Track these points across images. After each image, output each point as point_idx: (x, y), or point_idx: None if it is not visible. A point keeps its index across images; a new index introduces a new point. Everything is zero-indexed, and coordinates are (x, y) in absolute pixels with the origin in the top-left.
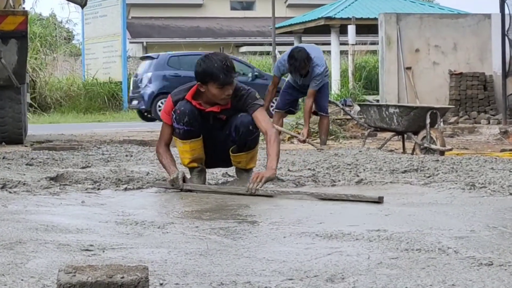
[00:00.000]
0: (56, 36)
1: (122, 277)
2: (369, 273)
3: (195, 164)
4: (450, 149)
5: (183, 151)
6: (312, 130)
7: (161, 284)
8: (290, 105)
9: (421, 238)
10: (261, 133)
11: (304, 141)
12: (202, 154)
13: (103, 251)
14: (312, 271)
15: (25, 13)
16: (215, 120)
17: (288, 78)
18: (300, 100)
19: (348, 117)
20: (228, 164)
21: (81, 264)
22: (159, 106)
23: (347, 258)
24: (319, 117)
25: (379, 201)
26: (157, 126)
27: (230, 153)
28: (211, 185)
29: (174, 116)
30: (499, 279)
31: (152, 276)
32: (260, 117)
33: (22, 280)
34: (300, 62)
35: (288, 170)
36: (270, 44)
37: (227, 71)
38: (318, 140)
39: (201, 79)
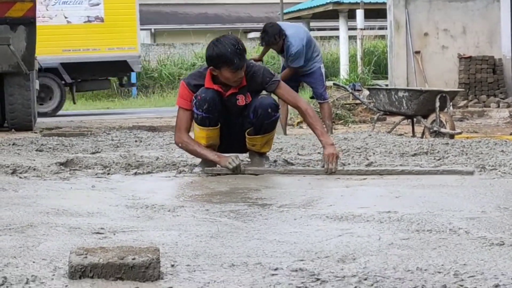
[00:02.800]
0: None
1: (134, 259)
2: (380, 254)
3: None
4: (460, 133)
5: (199, 136)
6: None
7: (172, 266)
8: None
9: (432, 219)
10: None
11: None
12: (217, 141)
13: (114, 234)
14: (323, 252)
15: (33, 0)
16: (234, 107)
17: (282, 62)
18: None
19: (357, 101)
20: (241, 150)
21: (92, 246)
22: None
23: (358, 239)
24: (319, 104)
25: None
26: (165, 112)
27: (246, 135)
28: (277, 168)
29: (194, 101)
30: (511, 258)
31: (163, 257)
32: (285, 93)
33: (33, 262)
34: (270, 37)
35: (298, 154)
36: None
37: (241, 54)
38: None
39: (214, 63)
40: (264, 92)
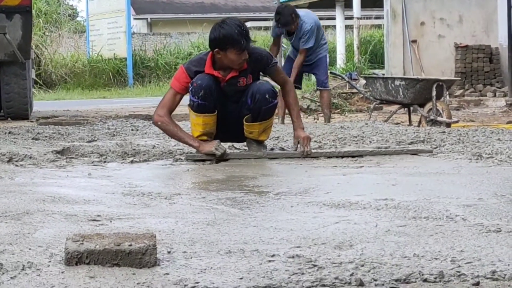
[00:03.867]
0: (60, 13)
1: (130, 245)
2: (377, 241)
3: (204, 138)
4: (457, 121)
5: (195, 124)
6: (318, 104)
7: (169, 252)
8: (295, 82)
9: (428, 207)
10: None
11: None
12: (214, 129)
13: (111, 221)
14: (320, 238)
15: None
16: (232, 91)
17: (288, 52)
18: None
19: (354, 90)
20: (239, 139)
21: (89, 233)
22: None
23: (355, 226)
24: (319, 92)
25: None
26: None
27: (244, 122)
28: (255, 153)
29: (190, 88)
30: (508, 245)
31: (159, 244)
32: (278, 73)
33: (30, 249)
34: (286, 17)
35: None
36: None
37: (246, 35)
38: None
39: (220, 45)
40: (264, 78)
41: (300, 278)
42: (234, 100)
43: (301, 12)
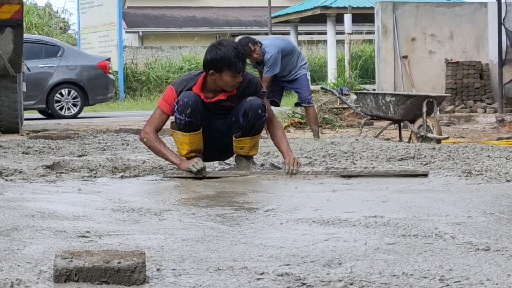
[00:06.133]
0: (52, 26)
1: (119, 262)
2: (366, 259)
3: (193, 154)
4: (447, 138)
5: (181, 142)
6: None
7: (158, 270)
8: (273, 97)
9: (418, 224)
10: None
11: None
12: (201, 146)
13: (100, 238)
14: (309, 256)
15: (20, 2)
16: (217, 110)
17: None
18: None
19: (345, 106)
20: (226, 156)
21: (78, 250)
22: None
23: (344, 244)
24: (305, 108)
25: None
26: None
27: (234, 138)
28: (238, 171)
29: (176, 107)
30: (496, 264)
31: (149, 261)
32: (267, 103)
33: (18, 266)
34: (244, 46)
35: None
36: (267, 34)
37: (243, 58)
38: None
39: (216, 66)
40: None
41: None
42: (219, 115)
43: (266, 40)
